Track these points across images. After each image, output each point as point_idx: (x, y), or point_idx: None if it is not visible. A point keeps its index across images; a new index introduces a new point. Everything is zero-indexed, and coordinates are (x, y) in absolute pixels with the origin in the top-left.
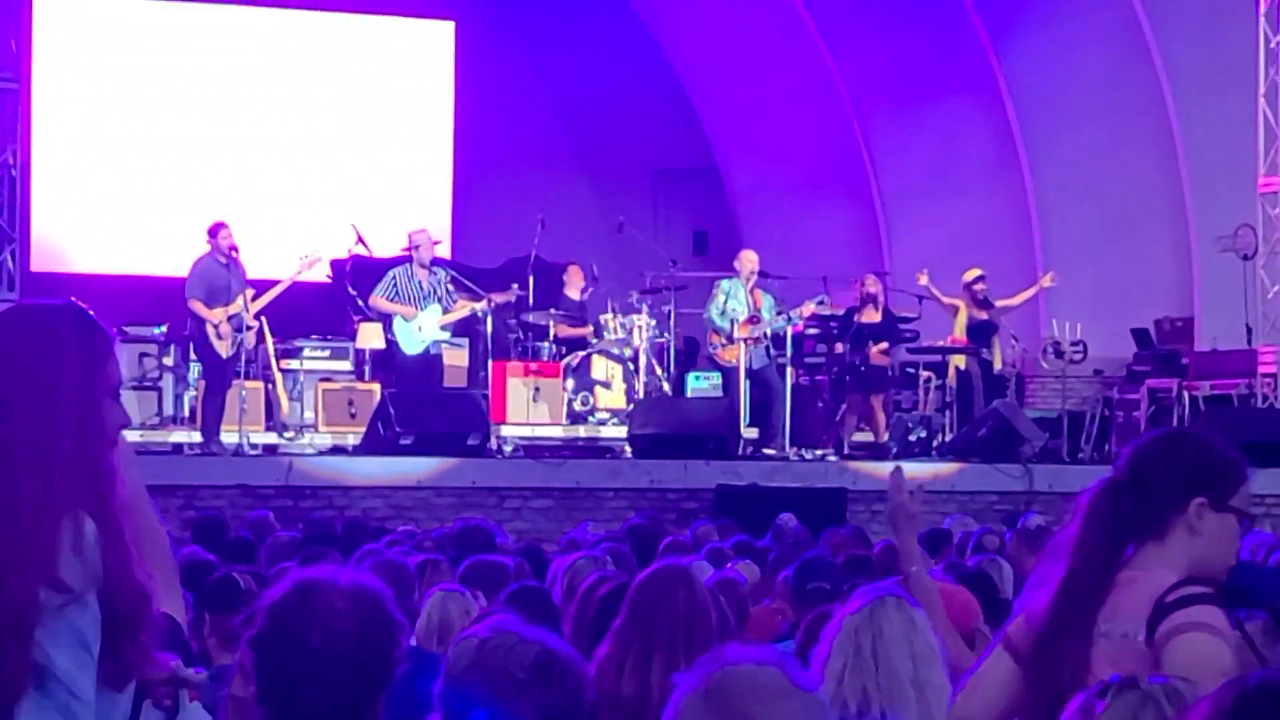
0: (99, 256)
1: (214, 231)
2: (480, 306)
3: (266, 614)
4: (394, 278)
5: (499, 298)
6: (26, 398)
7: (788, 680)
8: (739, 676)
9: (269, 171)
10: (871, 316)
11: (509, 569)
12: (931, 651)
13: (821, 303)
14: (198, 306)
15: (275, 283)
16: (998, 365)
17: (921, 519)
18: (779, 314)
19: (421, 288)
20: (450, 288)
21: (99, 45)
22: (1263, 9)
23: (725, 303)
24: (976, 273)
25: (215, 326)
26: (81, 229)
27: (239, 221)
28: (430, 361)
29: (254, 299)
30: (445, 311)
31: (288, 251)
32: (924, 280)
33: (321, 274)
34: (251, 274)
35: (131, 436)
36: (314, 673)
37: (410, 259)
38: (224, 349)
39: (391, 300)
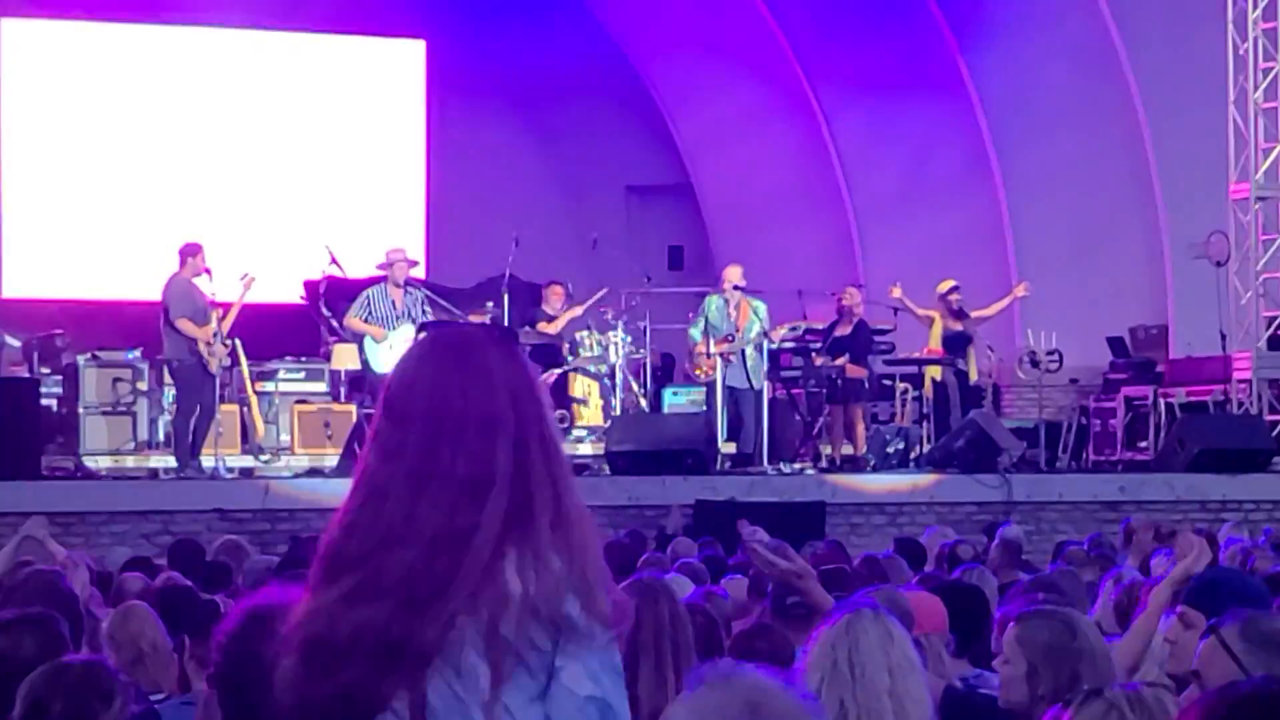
0: (71, 281)
1: (194, 252)
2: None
3: (221, 648)
4: (368, 298)
5: (474, 318)
6: (513, 427)
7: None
8: (775, 694)
9: (241, 193)
10: (844, 329)
11: None
12: (909, 663)
13: (794, 329)
14: (187, 326)
15: (249, 305)
16: (974, 376)
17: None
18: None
19: (395, 307)
20: (426, 308)
21: (68, 70)
22: (1230, 16)
23: (705, 320)
24: (951, 284)
25: (208, 345)
26: (53, 254)
27: (211, 244)
28: None
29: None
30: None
31: (261, 274)
32: (897, 293)
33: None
34: (226, 297)
35: (105, 462)
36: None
37: (385, 279)
38: (216, 365)
39: (365, 321)
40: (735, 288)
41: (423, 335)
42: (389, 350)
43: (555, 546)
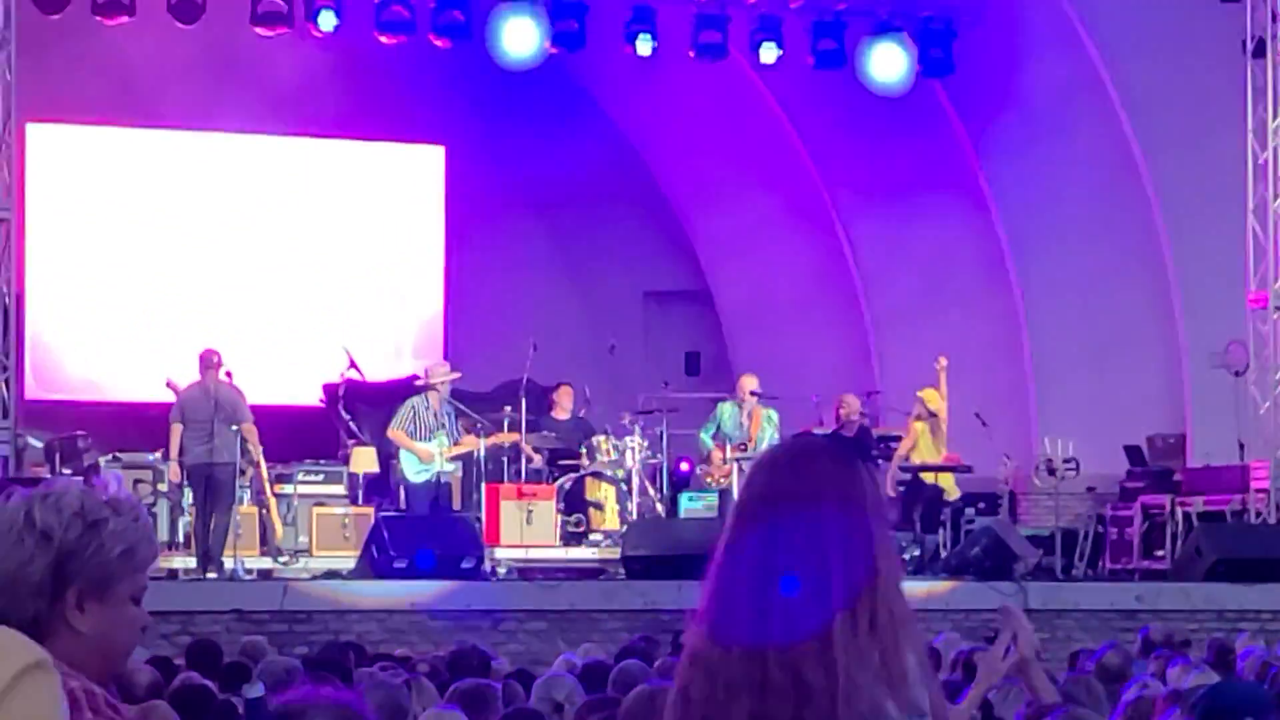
0: (93, 383)
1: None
2: (479, 447)
3: None
4: (413, 408)
5: (503, 438)
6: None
7: None
8: None
9: (262, 297)
10: (847, 435)
11: (497, 691)
12: None
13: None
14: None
15: (269, 407)
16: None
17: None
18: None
19: (436, 418)
20: (458, 423)
21: (93, 173)
22: (1250, 125)
23: (717, 426)
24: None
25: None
26: (76, 356)
27: (232, 347)
28: (441, 489)
29: None
30: (450, 443)
31: (280, 377)
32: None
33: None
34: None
35: None
36: None
37: (424, 389)
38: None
39: (409, 433)
40: (752, 393)
41: (775, 444)
42: (423, 460)
43: (875, 646)
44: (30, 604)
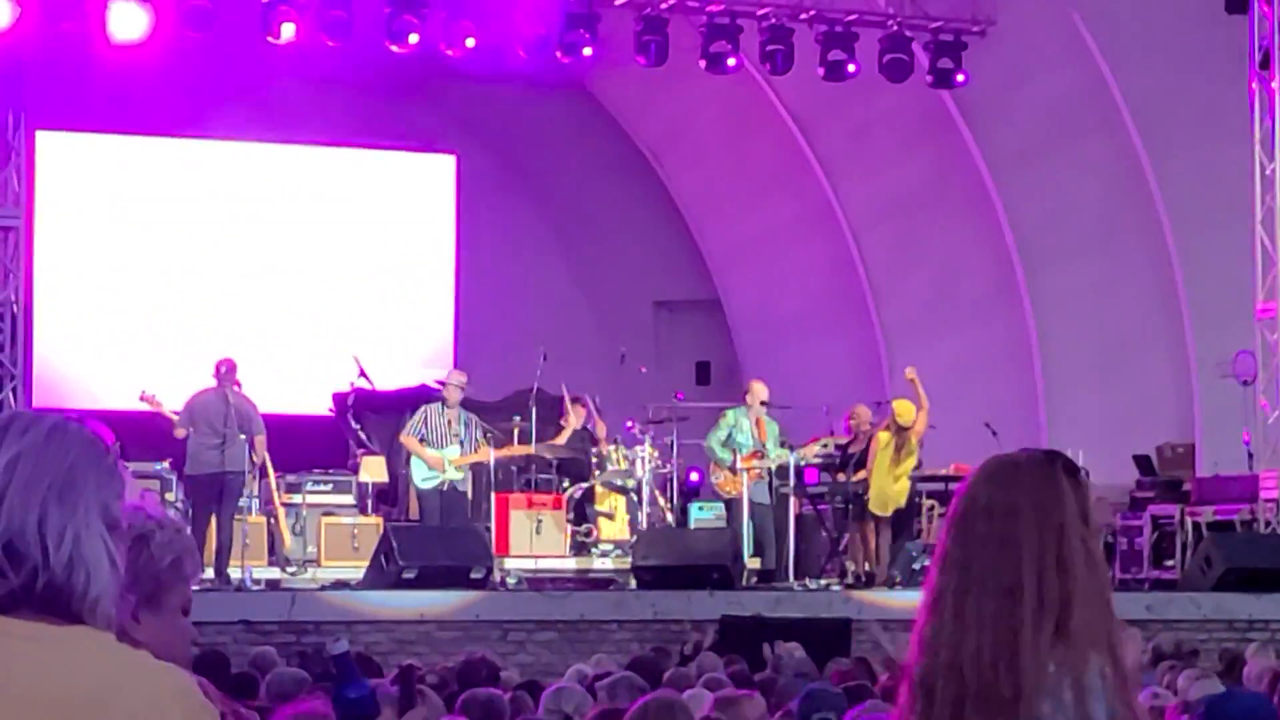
0: (101, 392)
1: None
2: (490, 458)
3: None
4: (425, 414)
5: (516, 450)
6: (1036, 544)
7: None
8: None
9: (272, 305)
10: (858, 447)
11: (504, 702)
12: None
13: (825, 446)
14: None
15: (278, 416)
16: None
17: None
18: (783, 445)
19: (450, 426)
20: (477, 432)
21: (101, 181)
22: (1258, 136)
23: (729, 434)
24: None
25: None
26: (83, 364)
27: (242, 355)
28: (454, 496)
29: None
30: (463, 453)
31: (290, 386)
32: (911, 374)
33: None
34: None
35: None
36: None
37: (439, 396)
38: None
39: (420, 439)
40: (762, 403)
41: (991, 458)
42: (430, 470)
43: (1059, 657)
44: None
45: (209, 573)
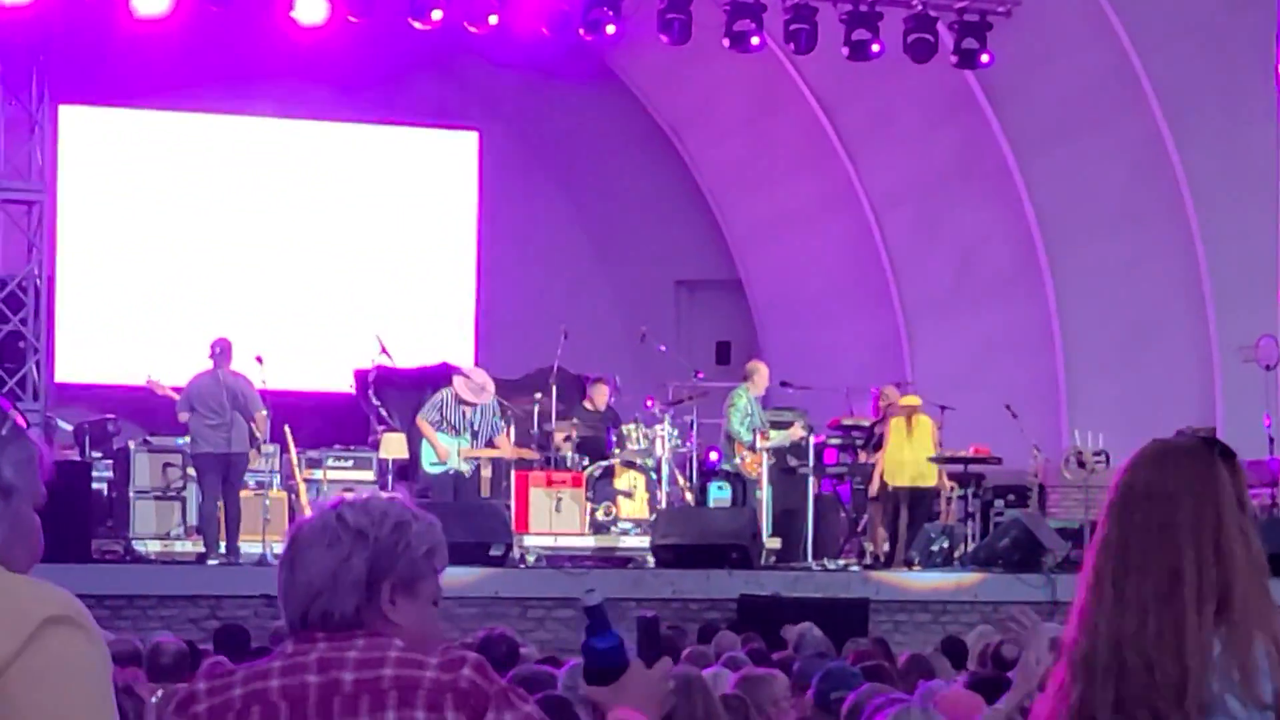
0: (123, 367)
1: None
2: (507, 454)
3: None
4: (442, 400)
5: (527, 454)
6: (1194, 529)
7: None
8: None
9: (294, 282)
10: (884, 427)
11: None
12: None
13: (807, 427)
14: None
15: (300, 393)
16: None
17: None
18: (774, 425)
19: (465, 417)
20: (497, 419)
21: (123, 157)
22: None
23: (747, 414)
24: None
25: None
26: (106, 339)
27: (264, 332)
28: (462, 480)
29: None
30: (474, 446)
31: (312, 362)
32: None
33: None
34: (276, 385)
35: (154, 546)
36: None
37: (450, 379)
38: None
39: (435, 426)
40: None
41: (1154, 441)
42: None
43: (1224, 638)
44: (351, 598)
45: (220, 548)
